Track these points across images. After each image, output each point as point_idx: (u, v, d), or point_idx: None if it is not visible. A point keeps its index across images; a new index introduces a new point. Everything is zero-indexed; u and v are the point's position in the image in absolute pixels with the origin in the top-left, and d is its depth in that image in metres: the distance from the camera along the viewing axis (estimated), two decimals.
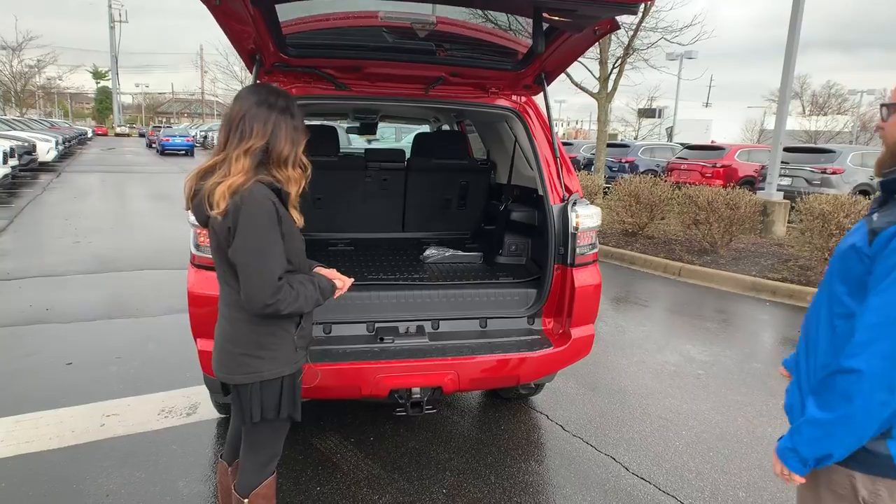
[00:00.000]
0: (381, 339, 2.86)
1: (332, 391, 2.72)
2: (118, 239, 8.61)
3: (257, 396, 1.81)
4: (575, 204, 3.01)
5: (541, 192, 3.16)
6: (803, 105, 41.82)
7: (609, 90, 12.52)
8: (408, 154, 4.66)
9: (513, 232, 3.83)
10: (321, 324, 2.86)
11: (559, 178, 3.15)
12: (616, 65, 12.44)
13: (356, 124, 6.66)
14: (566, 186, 3.14)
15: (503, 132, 4.05)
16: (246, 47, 2.77)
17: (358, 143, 8.79)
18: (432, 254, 3.84)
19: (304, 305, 1.79)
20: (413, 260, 3.85)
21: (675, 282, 7.60)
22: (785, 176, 11.60)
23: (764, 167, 12.09)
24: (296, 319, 1.86)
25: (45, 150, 18.00)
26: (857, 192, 10.35)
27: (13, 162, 13.21)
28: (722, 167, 13.92)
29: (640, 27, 12.08)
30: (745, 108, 44.46)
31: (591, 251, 3.08)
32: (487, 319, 3.11)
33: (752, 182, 13.29)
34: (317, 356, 2.53)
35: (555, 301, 3.09)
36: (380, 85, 3.14)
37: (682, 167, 14.67)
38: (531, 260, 3.71)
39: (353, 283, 2.05)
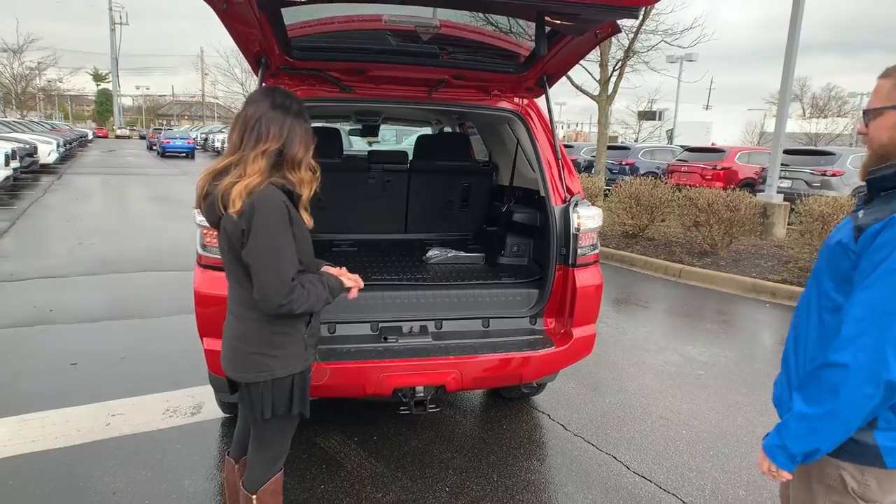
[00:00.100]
0: (385, 339, 2.88)
1: (336, 390, 2.75)
2: (120, 240, 8.64)
3: (269, 394, 1.84)
4: (577, 205, 3.03)
5: (543, 193, 3.18)
6: (803, 108, 41.84)
7: (609, 93, 12.55)
8: (410, 156, 4.69)
9: (515, 233, 3.86)
10: (326, 323, 2.88)
11: (561, 179, 3.17)
12: (616, 67, 12.46)
13: (358, 126, 6.68)
14: (568, 188, 3.17)
15: (505, 134, 4.08)
16: (252, 50, 2.81)
17: (358, 145, 8.80)
18: (435, 254, 3.87)
19: (316, 304, 1.82)
20: (416, 261, 3.87)
21: (676, 283, 7.63)
22: (785, 178, 11.64)
23: (764, 169, 12.12)
24: (306, 318, 1.89)
25: (47, 153, 18.02)
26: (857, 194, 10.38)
27: (15, 164, 13.23)
28: (722, 169, 13.93)
29: (641, 30, 12.11)
30: (746, 111, 44.75)
31: (593, 252, 3.10)
32: (490, 319, 3.13)
33: (752, 184, 13.33)
34: (322, 355, 2.56)
35: (556, 301, 3.12)
36: (383, 87, 3.17)
37: (683, 169, 14.69)
38: (533, 260, 3.74)
39: (361, 285, 2.06)
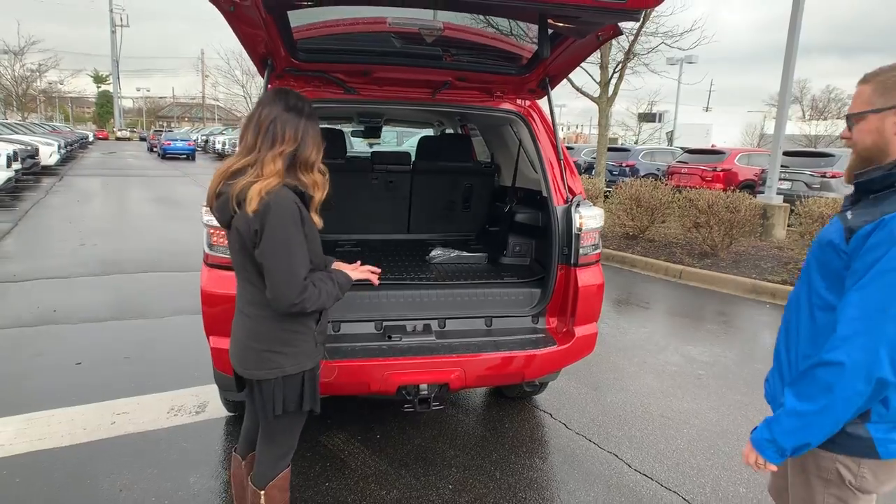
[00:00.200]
0: (390, 337, 2.91)
1: (341, 387, 2.77)
2: (122, 241, 8.67)
3: (280, 391, 1.87)
4: (579, 205, 3.06)
5: (545, 193, 3.21)
6: (803, 109, 41.86)
7: (610, 94, 12.60)
8: (412, 157, 4.72)
9: (517, 233, 3.89)
10: (330, 322, 2.90)
11: (563, 179, 3.20)
12: (617, 69, 12.51)
13: (360, 128, 6.71)
14: (569, 188, 3.19)
15: (507, 135, 4.11)
16: (258, 52, 2.84)
17: (360, 146, 8.83)
18: (438, 254, 3.89)
19: (327, 301, 1.85)
20: (419, 260, 3.90)
21: (676, 284, 7.66)
22: (785, 180, 11.66)
23: (764, 171, 12.15)
24: (316, 315, 1.92)
25: (48, 154, 18.05)
26: None
27: (16, 166, 13.25)
28: (722, 171, 13.96)
29: (641, 32, 12.16)
30: (746, 113, 44.73)
31: (594, 251, 3.13)
32: (493, 318, 3.15)
33: (752, 186, 13.36)
34: (327, 353, 2.58)
35: (558, 300, 3.14)
36: (388, 89, 3.21)
37: (683, 171, 14.72)
38: (535, 260, 3.77)
39: (378, 271, 2.15)
